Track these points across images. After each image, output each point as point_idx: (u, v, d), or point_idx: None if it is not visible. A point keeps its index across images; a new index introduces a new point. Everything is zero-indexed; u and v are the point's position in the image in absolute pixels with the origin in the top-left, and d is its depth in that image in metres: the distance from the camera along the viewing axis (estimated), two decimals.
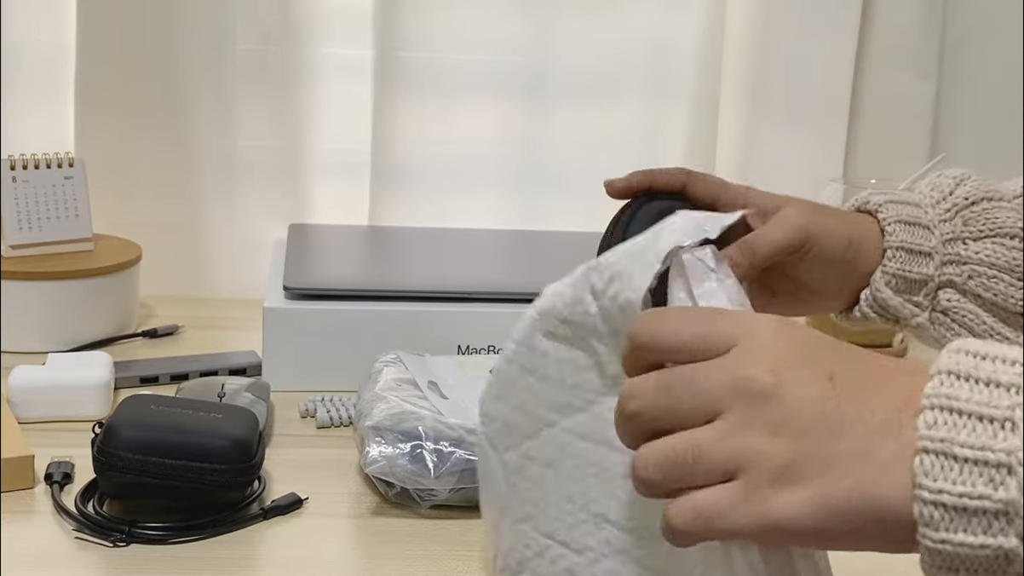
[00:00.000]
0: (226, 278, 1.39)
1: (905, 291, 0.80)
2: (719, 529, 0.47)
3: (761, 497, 0.46)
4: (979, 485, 0.43)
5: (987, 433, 0.44)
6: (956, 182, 0.82)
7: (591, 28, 1.38)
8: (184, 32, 1.31)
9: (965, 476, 0.43)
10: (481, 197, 1.42)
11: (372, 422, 0.85)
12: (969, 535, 0.43)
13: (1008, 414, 0.44)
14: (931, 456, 0.44)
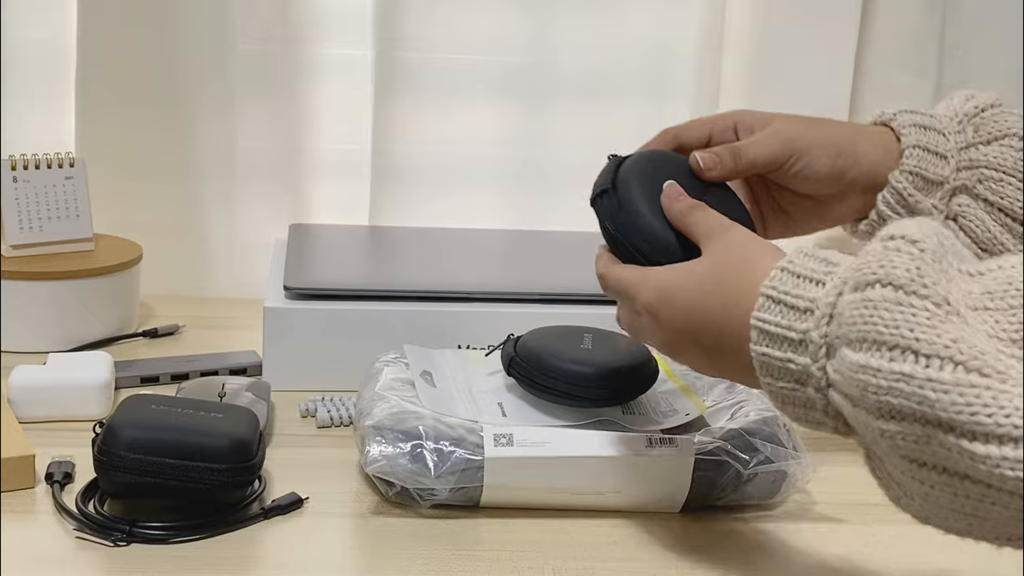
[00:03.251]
0: (226, 278, 1.39)
1: (922, 191, 0.82)
2: None
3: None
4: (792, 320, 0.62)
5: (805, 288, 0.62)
6: (966, 97, 0.85)
7: (591, 28, 1.38)
8: (184, 32, 1.31)
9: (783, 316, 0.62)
10: (481, 197, 1.42)
11: (372, 421, 0.85)
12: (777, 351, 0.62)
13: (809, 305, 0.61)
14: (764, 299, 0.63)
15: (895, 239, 0.57)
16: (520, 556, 0.78)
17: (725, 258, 0.68)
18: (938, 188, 0.83)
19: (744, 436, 0.85)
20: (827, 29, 1.39)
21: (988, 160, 0.82)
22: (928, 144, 0.82)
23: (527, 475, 0.83)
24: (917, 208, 0.82)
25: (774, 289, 0.63)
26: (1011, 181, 0.82)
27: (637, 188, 0.77)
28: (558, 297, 1.10)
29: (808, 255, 0.63)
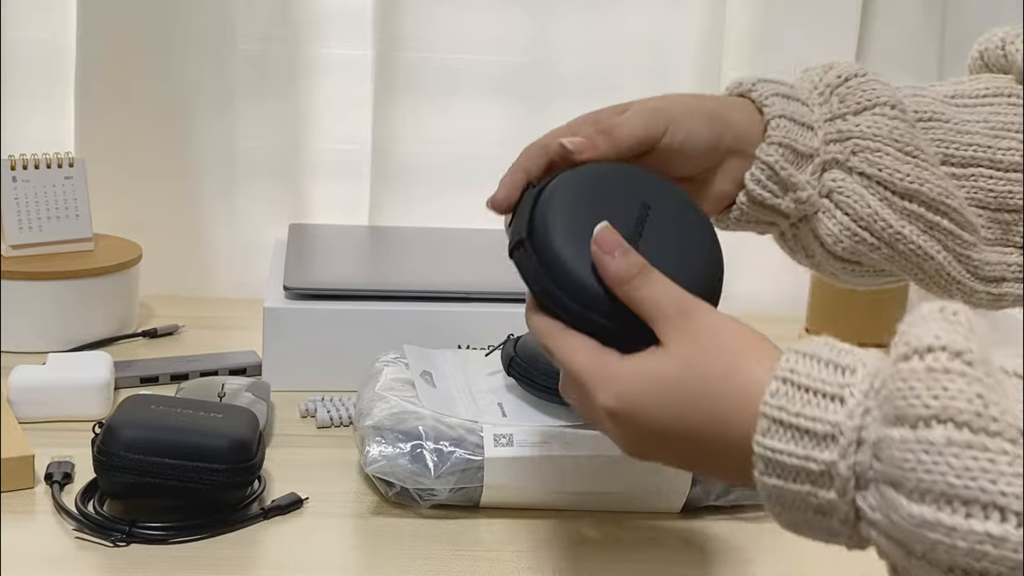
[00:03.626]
0: (226, 278, 1.39)
1: (794, 163, 0.74)
2: None
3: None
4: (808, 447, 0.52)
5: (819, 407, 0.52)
6: (825, 69, 0.78)
7: (591, 28, 1.38)
8: (184, 32, 1.31)
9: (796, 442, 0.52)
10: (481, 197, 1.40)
11: (372, 422, 0.85)
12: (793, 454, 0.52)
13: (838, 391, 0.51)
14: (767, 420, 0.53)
15: (934, 352, 0.48)
16: (520, 556, 0.78)
17: (701, 365, 0.57)
18: (808, 161, 0.74)
19: None
20: (827, 29, 1.39)
21: (861, 131, 0.74)
22: (794, 114, 0.74)
23: (527, 475, 0.83)
24: (790, 183, 0.73)
25: (780, 410, 0.53)
26: (889, 151, 0.73)
27: (560, 233, 0.64)
28: None
29: (811, 357, 0.54)
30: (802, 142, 0.74)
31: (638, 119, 0.72)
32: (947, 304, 0.51)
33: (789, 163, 0.73)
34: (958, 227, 0.75)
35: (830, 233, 0.75)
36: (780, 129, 0.74)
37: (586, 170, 0.68)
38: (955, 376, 0.47)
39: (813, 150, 0.74)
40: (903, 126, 0.74)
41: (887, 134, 0.74)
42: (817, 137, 0.74)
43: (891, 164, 0.74)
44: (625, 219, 0.65)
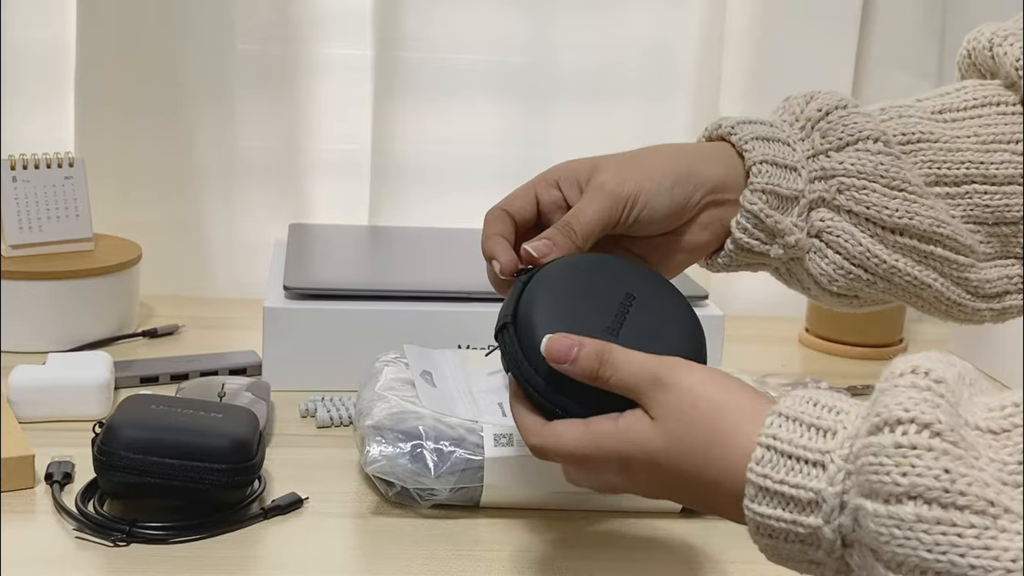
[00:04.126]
0: (226, 278, 1.39)
1: (779, 208, 0.73)
2: None
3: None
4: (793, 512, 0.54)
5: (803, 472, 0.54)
6: (806, 100, 0.77)
7: (591, 28, 1.38)
8: (184, 32, 1.31)
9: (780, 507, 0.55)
10: (481, 197, 1.41)
11: (372, 421, 0.85)
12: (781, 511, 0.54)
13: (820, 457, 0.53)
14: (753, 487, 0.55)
15: (903, 425, 0.50)
16: (520, 556, 0.78)
17: (685, 435, 0.58)
18: (794, 204, 0.73)
19: None
20: (827, 29, 1.39)
21: (845, 168, 0.73)
22: (775, 157, 0.73)
23: (527, 475, 0.83)
24: (777, 229, 0.72)
25: (765, 478, 0.55)
26: (875, 188, 0.73)
27: (543, 322, 0.65)
28: None
29: (793, 420, 0.55)
30: (786, 185, 0.73)
31: (595, 208, 0.71)
32: (920, 362, 0.52)
33: (774, 209, 0.73)
34: (953, 252, 0.75)
35: (823, 272, 0.74)
36: (762, 175, 0.73)
37: (572, 260, 0.69)
38: (922, 452, 0.49)
39: (798, 192, 0.73)
40: (887, 160, 0.73)
41: (872, 170, 0.73)
42: (801, 178, 0.74)
43: (878, 201, 0.73)
44: (608, 309, 0.67)
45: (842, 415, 0.55)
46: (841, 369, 1.24)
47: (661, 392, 0.60)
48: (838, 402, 0.55)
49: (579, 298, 0.67)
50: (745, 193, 0.73)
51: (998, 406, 0.51)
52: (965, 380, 0.53)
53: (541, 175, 0.76)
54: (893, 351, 1.28)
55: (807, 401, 0.56)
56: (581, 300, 0.67)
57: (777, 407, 0.56)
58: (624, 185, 0.71)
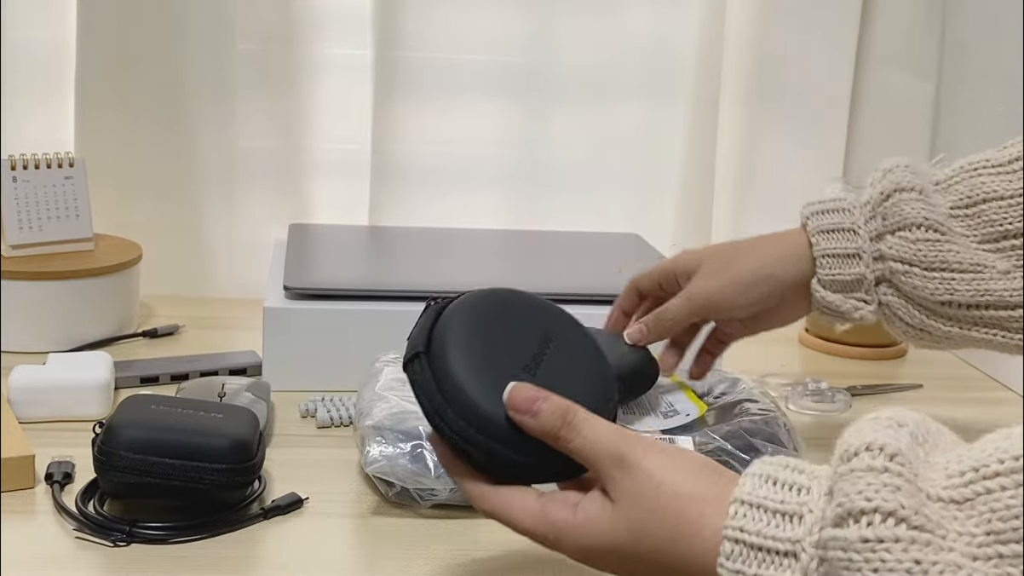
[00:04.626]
0: (226, 278, 1.39)
1: (844, 290, 0.86)
2: None
3: None
4: None
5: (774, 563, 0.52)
6: (882, 175, 0.86)
7: (591, 28, 1.38)
8: (184, 32, 1.31)
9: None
10: (481, 197, 1.42)
11: (372, 422, 0.85)
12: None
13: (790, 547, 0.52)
14: None
15: (868, 515, 0.49)
16: (520, 556, 0.78)
17: (649, 525, 0.57)
18: (858, 286, 0.86)
19: (744, 436, 0.85)
20: (827, 29, 1.40)
21: (893, 253, 0.84)
22: (837, 249, 0.86)
23: None
24: (843, 313, 0.87)
25: (739, 574, 0.53)
26: (915, 272, 0.83)
27: (458, 353, 0.63)
28: (558, 297, 1.09)
29: (758, 508, 0.54)
30: (848, 271, 0.86)
31: (679, 312, 0.88)
32: (872, 436, 0.51)
33: (838, 292, 0.86)
34: (1007, 309, 0.83)
35: (896, 331, 0.88)
36: (825, 267, 0.86)
37: (491, 293, 0.68)
38: (890, 544, 0.48)
39: (860, 275, 0.86)
40: (926, 246, 0.83)
41: (912, 256, 0.83)
42: (863, 261, 0.86)
43: (920, 283, 0.84)
44: (526, 346, 0.65)
45: (804, 494, 0.53)
46: (841, 369, 1.23)
47: (621, 473, 0.58)
48: (797, 476, 0.54)
49: (495, 332, 0.65)
50: (813, 282, 0.87)
51: (957, 471, 0.50)
52: (917, 439, 0.52)
53: (669, 263, 0.92)
54: (893, 351, 1.28)
55: (766, 481, 0.55)
56: (497, 334, 0.65)
57: (738, 493, 0.55)
58: (706, 291, 0.88)
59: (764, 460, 0.56)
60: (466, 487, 0.64)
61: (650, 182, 1.44)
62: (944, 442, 0.53)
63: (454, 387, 0.62)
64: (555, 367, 0.65)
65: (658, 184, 1.44)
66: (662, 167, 1.43)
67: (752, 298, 0.87)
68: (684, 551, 0.56)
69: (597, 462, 0.59)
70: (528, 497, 0.61)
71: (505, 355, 0.64)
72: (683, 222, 1.44)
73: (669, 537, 0.56)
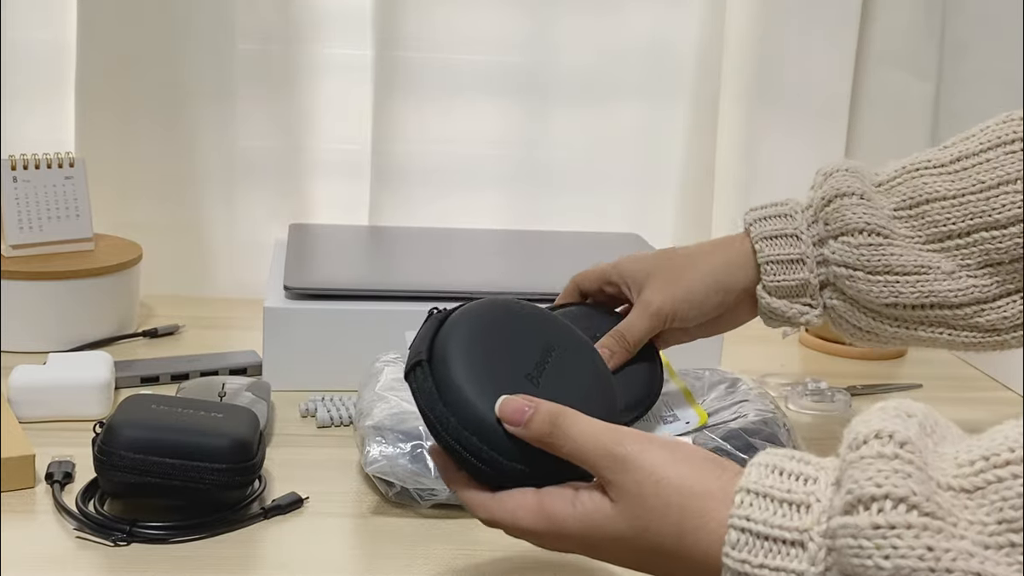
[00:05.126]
0: (226, 278, 1.39)
1: (790, 296, 0.86)
2: None
3: None
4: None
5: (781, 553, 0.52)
6: (824, 178, 0.86)
7: (591, 28, 1.38)
8: (184, 32, 1.31)
9: None
10: (481, 197, 1.42)
11: (373, 422, 0.85)
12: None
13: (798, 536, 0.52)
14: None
15: (878, 502, 0.48)
16: (520, 556, 0.78)
17: (652, 523, 0.56)
18: (803, 291, 0.86)
19: (744, 436, 0.85)
20: (827, 29, 1.40)
21: (836, 258, 0.84)
22: (780, 255, 0.85)
23: None
24: (790, 315, 0.86)
25: (744, 563, 0.53)
26: (859, 276, 0.83)
27: (461, 362, 0.63)
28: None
29: (764, 497, 0.53)
30: (793, 277, 0.85)
31: (642, 325, 0.86)
32: (880, 424, 0.50)
33: (783, 298, 0.86)
34: (952, 309, 0.83)
35: (844, 333, 0.88)
36: (769, 274, 0.86)
37: (494, 303, 0.68)
38: (902, 531, 0.48)
39: (804, 280, 0.85)
40: (868, 250, 0.83)
41: (854, 261, 0.83)
42: (806, 267, 0.85)
43: (864, 287, 0.83)
44: (528, 356, 0.65)
45: (811, 484, 0.53)
46: (840, 369, 1.23)
47: (619, 472, 0.57)
48: (804, 467, 0.54)
49: (498, 341, 0.65)
50: (759, 289, 0.86)
51: (967, 460, 0.50)
52: (926, 429, 0.52)
53: (613, 268, 0.90)
54: (893, 351, 1.28)
55: (772, 471, 0.54)
56: (500, 344, 0.64)
57: (744, 482, 0.54)
58: (666, 305, 0.86)
59: (770, 451, 0.55)
60: (466, 498, 0.63)
61: (650, 182, 1.44)
62: (951, 434, 0.53)
63: (456, 396, 0.62)
64: (559, 376, 0.65)
65: (658, 184, 1.44)
66: (662, 167, 1.43)
67: (706, 309, 0.87)
68: (689, 544, 0.55)
69: (594, 465, 0.59)
70: (526, 495, 0.61)
71: (507, 364, 0.64)
72: (683, 222, 1.44)
73: (674, 533, 0.56)
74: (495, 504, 0.62)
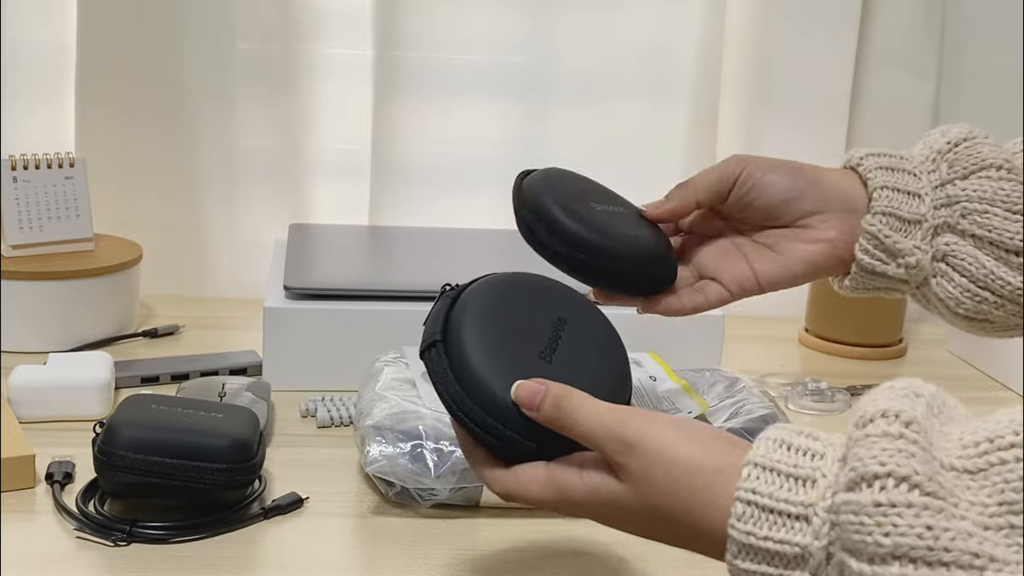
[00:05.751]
0: (226, 278, 1.39)
1: (899, 231, 0.76)
2: None
3: None
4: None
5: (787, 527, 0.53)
6: (941, 133, 0.80)
7: (591, 28, 1.38)
8: (184, 32, 1.31)
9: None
10: (481, 197, 1.42)
11: (373, 421, 0.85)
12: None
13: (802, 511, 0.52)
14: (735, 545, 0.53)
15: (881, 480, 0.49)
16: (520, 556, 0.78)
17: (661, 502, 0.57)
18: (916, 227, 0.77)
19: (745, 435, 0.85)
20: (827, 29, 1.39)
21: (968, 194, 0.76)
22: (897, 184, 0.77)
23: None
24: (896, 250, 0.76)
25: (748, 535, 0.53)
26: (996, 212, 0.76)
27: (474, 341, 0.64)
28: None
29: (771, 471, 0.54)
30: (907, 208, 0.76)
31: (715, 168, 0.78)
32: (887, 404, 0.51)
33: (894, 230, 0.76)
34: None
35: (951, 296, 0.77)
36: (882, 199, 0.76)
37: (505, 278, 0.69)
38: (902, 509, 0.48)
39: (920, 215, 0.76)
40: (1009, 185, 0.76)
41: (992, 195, 0.76)
42: (924, 203, 0.77)
43: (1000, 224, 0.76)
44: (540, 332, 0.66)
45: (818, 460, 0.53)
46: (841, 369, 1.24)
47: (627, 456, 0.58)
48: (811, 443, 0.54)
49: (510, 318, 0.65)
50: (867, 216, 0.76)
51: (972, 442, 0.50)
52: (933, 410, 0.52)
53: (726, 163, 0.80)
54: (893, 351, 1.28)
55: (780, 445, 0.54)
56: (512, 320, 0.65)
57: (751, 456, 0.54)
58: (744, 163, 0.77)
59: (779, 426, 0.56)
60: (482, 473, 0.65)
61: (650, 182, 1.44)
62: (959, 415, 0.54)
63: (472, 376, 0.62)
64: (570, 351, 0.66)
65: (658, 184, 1.44)
66: (662, 167, 1.43)
67: (797, 187, 0.77)
68: (698, 518, 0.56)
69: (602, 448, 0.59)
70: (536, 468, 0.62)
71: (521, 341, 0.65)
72: None
73: (683, 508, 0.56)
74: (509, 478, 0.63)
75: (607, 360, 0.68)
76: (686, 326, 1.08)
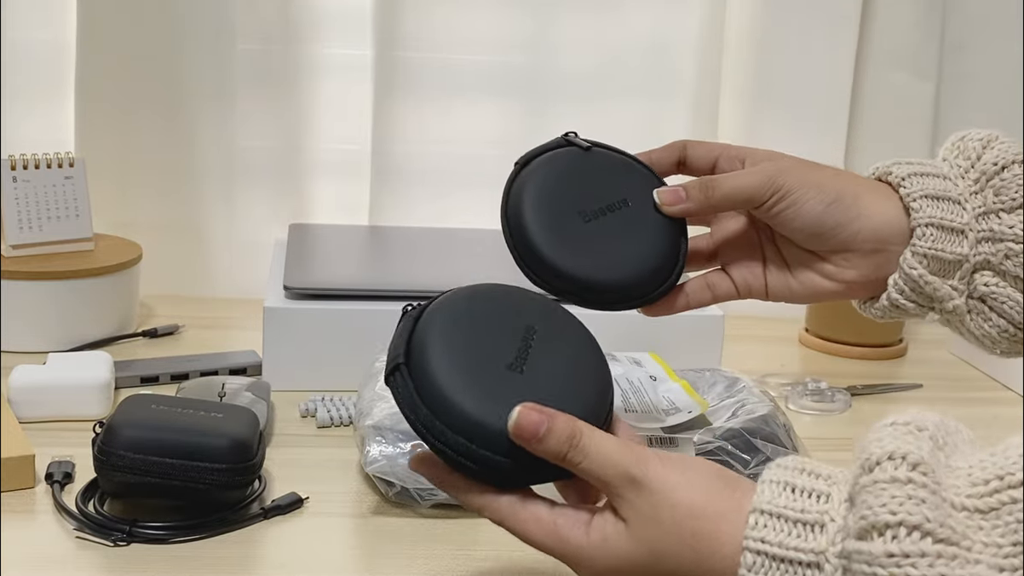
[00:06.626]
0: (226, 278, 1.39)
1: (939, 273, 0.71)
2: None
3: None
4: None
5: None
6: (983, 145, 0.73)
7: (591, 28, 1.38)
8: (184, 32, 1.31)
9: None
10: (481, 197, 1.42)
11: (373, 421, 0.85)
12: None
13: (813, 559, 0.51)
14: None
15: (892, 529, 0.48)
16: (520, 556, 0.78)
17: (667, 546, 0.56)
18: (956, 268, 0.71)
19: (745, 436, 0.85)
20: (827, 29, 1.39)
21: (1015, 233, 0.70)
22: (943, 220, 0.70)
23: None
24: (935, 296, 0.71)
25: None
26: None
27: (440, 360, 0.60)
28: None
29: (778, 518, 0.53)
30: (950, 250, 0.70)
31: (747, 179, 0.71)
32: (893, 445, 0.50)
33: (935, 274, 0.70)
34: None
35: (987, 335, 0.73)
36: (927, 239, 0.70)
37: (468, 291, 0.66)
38: (916, 560, 0.47)
39: (962, 256, 0.70)
40: None
41: None
42: (967, 240, 0.70)
43: None
44: (509, 343, 0.63)
45: (823, 501, 0.53)
46: (840, 369, 1.24)
47: (634, 493, 0.56)
48: (815, 482, 0.53)
49: (476, 331, 0.62)
50: (906, 255, 0.70)
51: (981, 479, 0.49)
52: (938, 442, 0.51)
53: (728, 146, 0.75)
54: (893, 351, 1.28)
55: (785, 488, 0.53)
56: (478, 334, 0.62)
57: (757, 502, 0.53)
58: (784, 175, 0.70)
59: (780, 464, 0.55)
60: (467, 500, 0.61)
61: None
62: (963, 441, 0.53)
63: (439, 397, 0.59)
64: (542, 359, 0.63)
65: None
66: None
67: (826, 216, 0.70)
68: (707, 570, 0.55)
69: (607, 484, 0.58)
70: (539, 508, 0.60)
71: (489, 355, 0.62)
72: None
73: (691, 558, 0.55)
74: (508, 510, 0.60)
75: (581, 365, 0.65)
76: (686, 326, 1.08)
